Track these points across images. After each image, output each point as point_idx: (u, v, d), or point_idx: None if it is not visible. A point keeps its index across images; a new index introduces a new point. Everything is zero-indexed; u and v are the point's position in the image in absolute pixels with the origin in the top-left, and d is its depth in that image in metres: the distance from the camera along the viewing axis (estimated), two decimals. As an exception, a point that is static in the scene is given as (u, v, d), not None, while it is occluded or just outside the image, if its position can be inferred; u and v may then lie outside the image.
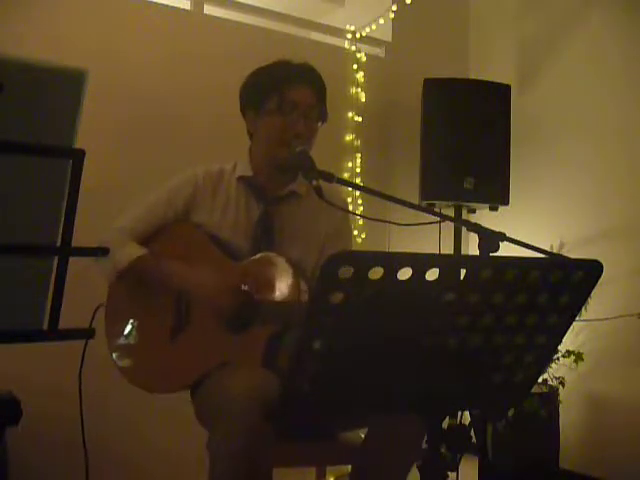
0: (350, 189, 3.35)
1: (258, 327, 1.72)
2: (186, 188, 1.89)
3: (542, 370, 2.52)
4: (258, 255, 1.79)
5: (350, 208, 3.27)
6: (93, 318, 1.70)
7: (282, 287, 1.73)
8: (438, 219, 1.58)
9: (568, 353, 3.04)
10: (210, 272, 1.78)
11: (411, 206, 1.54)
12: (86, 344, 1.59)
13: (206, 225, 1.87)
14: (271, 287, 1.73)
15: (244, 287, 1.76)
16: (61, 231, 0.99)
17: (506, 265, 1.07)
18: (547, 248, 1.42)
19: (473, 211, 3.26)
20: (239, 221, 1.87)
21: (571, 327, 1.20)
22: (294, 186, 1.91)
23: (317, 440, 1.72)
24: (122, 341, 1.87)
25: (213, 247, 1.83)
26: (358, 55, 3.54)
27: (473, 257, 1.93)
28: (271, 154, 1.86)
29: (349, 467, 1.88)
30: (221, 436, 1.50)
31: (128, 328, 1.87)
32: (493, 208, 3.10)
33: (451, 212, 3.08)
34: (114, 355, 1.86)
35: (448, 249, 3.10)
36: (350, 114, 3.44)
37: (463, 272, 1.06)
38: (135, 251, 1.81)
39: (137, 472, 2.74)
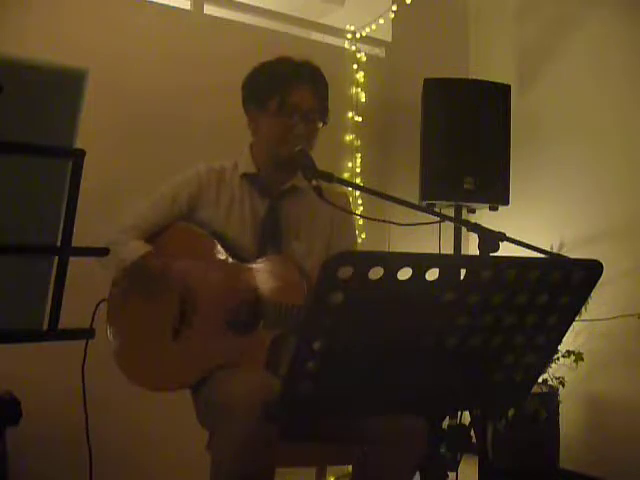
0: (350, 189, 3.35)
1: (262, 329, 1.72)
2: (190, 185, 1.89)
3: (542, 370, 2.52)
4: (264, 257, 1.80)
5: (350, 207, 3.27)
6: (94, 314, 1.70)
7: (287, 290, 1.73)
8: (438, 219, 1.58)
9: (568, 353, 3.04)
10: (216, 271, 1.78)
11: (411, 206, 1.54)
12: (87, 342, 1.59)
13: (212, 222, 1.87)
14: (276, 289, 1.73)
15: (248, 289, 1.76)
16: (61, 231, 0.99)
17: (506, 265, 1.07)
18: (547, 248, 1.42)
19: (473, 211, 3.25)
20: (245, 218, 1.88)
21: (571, 327, 1.20)
22: (295, 180, 1.92)
23: (317, 440, 1.72)
24: (124, 339, 1.87)
25: (218, 248, 1.83)
26: (358, 55, 3.54)
27: (473, 257, 1.93)
28: (272, 152, 1.86)
29: (349, 467, 1.88)
30: (223, 437, 1.50)
31: (130, 326, 1.87)
32: (493, 208, 3.10)
33: (451, 212, 3.08)
34: (116, 353, 1.86)
35: (448, 249, 3.10)
36: (350, 114, 3.44)
37: (463, 272, 1.06)
38: (140, 248, 1.81)
39: (137, 472, 2.74)
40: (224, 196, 1.89)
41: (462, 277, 1.06)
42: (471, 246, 3.41)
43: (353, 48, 3.54)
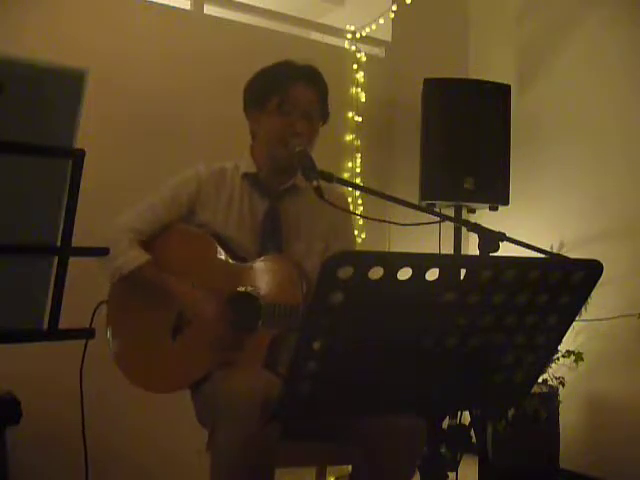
0: (350, 189, 3.35)
1: (261, 329, 1.72)
2: (189, 185, 1.88)
3: (542, 370, 2.52)
4: (263, 257, 1.80)
5: (350, 208, 3.28)
6: (94, 315, 1.70)
7: (286, 289, 1.73)
8: (438, 219, 1.58)
9: (568, 353, 3.04)
10: (208, 297, 1.76)
11: (411, 206, 1.54)
12: (87, 342, 1.59)
13: (211, 223, 1.87)
14: (275, 289, 1.73)
15: (248, 289, 1.76)
16: (61, 231, 0.99)
17: (506, 265, 1.07)
18: (547, 248, 1.42)
19: (473, 211, 3.25)
20: (244, 218, 1.87)
21: (571, 327, 1.20)
22: (295, 180, 1.92)
23: (317, 440, 1.72)
24: (124, 341, 1.87)
25: (218, 249, 1.83)
26: (358, 55, 3.54)
27: (473, 257, 1.93)
28: (271, 153, 1.86)
29: (349, 467, 1.88)
30: (223, 437, 1.50)
31: (129, 327, 1.87)
32: (493, 208, 3.10)
33: (451, 212, 3.08)
34: (116, 355, 1.86)
35: (448, 249, 3.10)
36: (350, 114, 3.44)
37: (463, 272, 1.06)
38: (138, 257, 1.80)
39: (137, 472, 2.74)
40: (223, 197, 1.89)
41: (462, 277, 1.06)
42: (471, 246, 3.41)
43: (353, 48, 3.54)
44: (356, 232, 3.32)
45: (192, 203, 1.88)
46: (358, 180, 3.43)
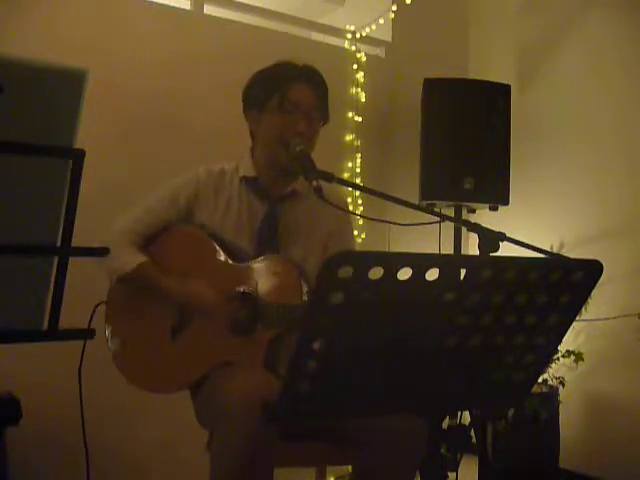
0: (350, 189, 3.35)
1: (260, 329, 1.72)
2: (188, 187, 1.88)
3: (542, 370, 2.52)
4: (262, 257, 1.79)
5: (350, 208, 3.28)
6: (92, 316, 1.70)
7: (285, 289, 1.73)
8: (438, 219, 1.58)
9: (568, 353, 3.04)
10: (207, 285, 1.77)
11: (411, 206, 1.54)
12: (85, 342, 1.59)
13: (209, 225, 1.87)
14: (274, 289, 1.73)
15: (247, 289, 1.76)
16: (61, 231, 0.99)
17: (506, 265, 1.07)
18: (547, 248, 1.42)
19: (473, 211, 3.25)
20: (242, 221, 1.87)
21: (571, 327, 1.20)
22: (295, 185, 1.91)
23: (317, 440, 1.72)
24: (122, 340, 1.87)
25: (216, 249, 1.83)
26: (358, 55, 3.54)
27: (473, 257, 1.93)
28: (271, 154, 1.85)
29: (349, 467, 1.88)
30: (222, 437, 1.50)
31: (128, 326, 1.87)
32: (493, 208, 3.10)
33: (451, 212, 3.08)
34: (114, 354, 1.86)
35: (448, 249, 3.10)
36: (350, 114, 3.44)
37: (463, 272, 1.06)
38: (135, 259, 1.80)
39: (137, 472, 2.74)
40: (222, 200, 1.89)
41: (462, 277, 1.06)
42: (471, 246, 3.41)
43: (353, 48, 3.54)
44: (356, 232, 3.33)
45: (190, 205, 1.88)
46: (358, 180, 3.43)
